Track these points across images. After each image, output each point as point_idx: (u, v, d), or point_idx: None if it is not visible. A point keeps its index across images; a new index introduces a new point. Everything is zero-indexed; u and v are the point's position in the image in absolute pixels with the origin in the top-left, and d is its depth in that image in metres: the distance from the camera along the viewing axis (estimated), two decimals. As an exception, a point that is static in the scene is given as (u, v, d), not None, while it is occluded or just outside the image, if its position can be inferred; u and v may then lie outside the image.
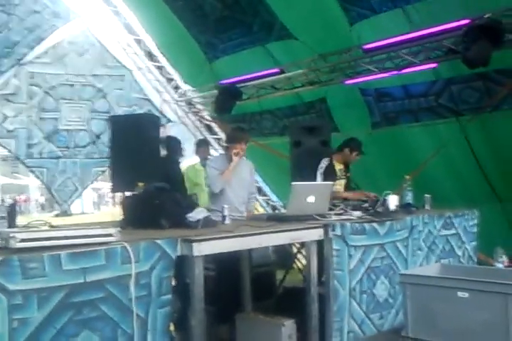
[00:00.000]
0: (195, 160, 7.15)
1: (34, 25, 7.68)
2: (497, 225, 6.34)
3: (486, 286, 2.74)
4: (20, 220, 3.47)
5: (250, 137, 5.16)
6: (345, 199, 5.11)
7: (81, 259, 2.56)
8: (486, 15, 5.05)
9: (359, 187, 5.88)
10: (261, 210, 9.92)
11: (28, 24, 7.63)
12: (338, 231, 3.82)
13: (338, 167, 5.52)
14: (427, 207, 5.04)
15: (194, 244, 2.99)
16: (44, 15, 7.76)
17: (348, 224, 3.92)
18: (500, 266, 4.18)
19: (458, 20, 5.33)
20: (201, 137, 9.24)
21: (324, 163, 5.38)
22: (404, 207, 4.69)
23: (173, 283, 3.06)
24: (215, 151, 9.72)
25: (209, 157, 6.83)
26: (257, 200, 8.47)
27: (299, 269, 7.12)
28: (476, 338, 2.75)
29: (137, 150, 6.10)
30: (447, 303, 2.85)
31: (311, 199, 3.96)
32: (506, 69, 5.58)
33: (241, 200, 4.83)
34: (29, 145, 7.93)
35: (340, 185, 5.52)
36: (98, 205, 31.67)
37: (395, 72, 6.22)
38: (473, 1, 5.19)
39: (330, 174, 5.34)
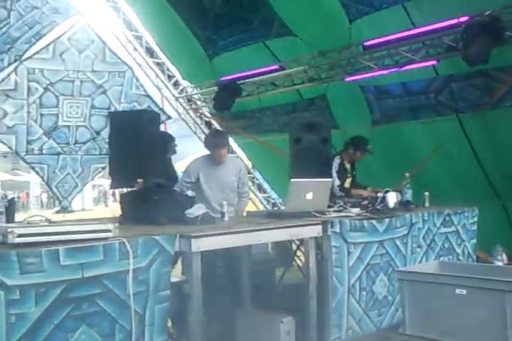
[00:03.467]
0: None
1: (34, 21, 7.66)
2: (497, 223, 6.34)
3: (484, 283, 2.74)
4: (20, 217, 3.47)
5: (228, 141, 5.07)
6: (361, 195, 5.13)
7: (79, 255, 2.56)
8: (486, 13, 5.04)
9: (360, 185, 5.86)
10: (261, 207, 9.92)
11: (28, 20, 7.60)
12: (337, 228, 3.82)
13: (347, 166, 5.54)
14: (427, 204, 5.03)
15: (193, 240, 2.99)
16: (44, 11, 7.74)
17: (346, 221, 3.91)
18: (499, 263, 4.19)
19: (458, 18, 5.32)
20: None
21: (337, 161, 5.42)
22: (404, 205, 4.69)
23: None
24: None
25: None
26: (250, 199, 8.25)
27: (299, 266, 7.11)
28: (473, 335, 2.75)
29: (137, 147, 6.09)
30: (445, 300, 2.86)
31: (309, 196, 3.96)
32: (506, 67, 5.57)
33: (221, 201, 4.46)
34: (29, 142, 7.91)
35: (347, 183, 5.53)
36: (99, 202, 31.68)
37: (395, 69, 6.22)
38: (473, -2, 5.18)
39: (342, 171, 5.38)
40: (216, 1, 7.30)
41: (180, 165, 6.90)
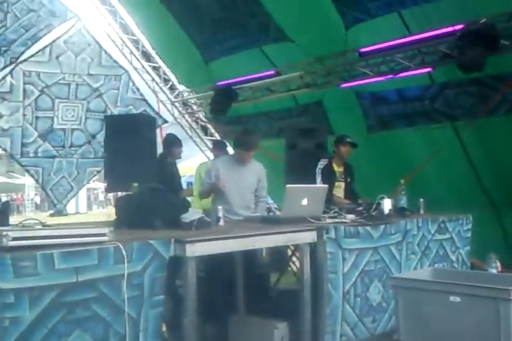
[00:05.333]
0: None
1: (30, 23, 7.66)
2: (491, 230, 6.35)
3: (478, 291, 2.75)
4: (15, 219, 3.46)
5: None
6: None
7: (74, 258, 2.55)
8: (481, 21, 5.08)
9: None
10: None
11: (24, 23, 7.61)
12: (332, 234, 3.82)
13: (338, 169, 5.49)
14: (421, 211, 5.04)
15: (187, 245, 2.98)
16: (41, 14, 7.75)
17: (341, 227, 3.92)
18: (493, 271, 4.20)
19: (453, 25, 5.36)
20: (218, 139, 9.28)
21: (322, 163, 5.40)
22: (399, 211, 4.69)
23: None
24: (211, 152, 9.74)
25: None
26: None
27: (294, 272, 7.11)
28: (467, 342, 2.76)
29: (132, 151, 6.09)
30: (439, 307, 2.86)
31: (305, 201, 3.96)
32: (501, 75, 5.61)
33: (241, 204, 4.68)
34: (24, 144, 7.90)
35: (339, 187, 5.49)
36: (93, 205, 31.55)
37: (391, 76, 6.24)
38: (468, 6, 5.21)
39: (328, 174, 5.34)
40: (213, 6, 7.32)
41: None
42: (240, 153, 4.70)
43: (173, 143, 6.05)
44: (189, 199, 6.09)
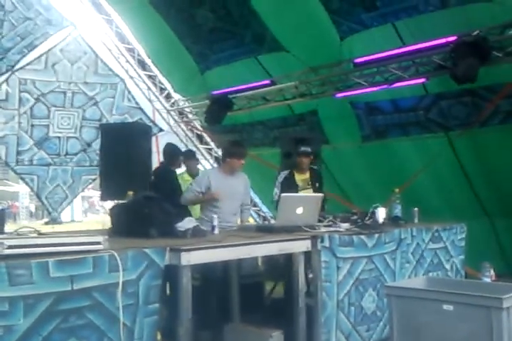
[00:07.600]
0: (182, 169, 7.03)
1: (27, 31, 7.70)
2: (485, 239, 6.38)
3: (471, 299, 2.77)
4: (9, 227, 3.47)
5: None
6: None
7: (69, 267, 2.55)
8: (474, 33, 5.14)
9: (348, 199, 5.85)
10: (251, 221, 9.91)
11: (20, 31, 7.64)
12: (327, 243, 3.84)
13: (302, 177, 5.45)
14: (416, 220, 5.06)
15: (182, 254, 2.99)
16: (37, 22, 7.78)
17: (336, 236, 3.93)
18: (487, 280, 4.22)
19: (446, 37, 5.42)
20: (189, 148, 9.21)
21: (282, 175, 5.44)
22: (393, 220, 4.72)
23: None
24: (206, 161, 9.77)
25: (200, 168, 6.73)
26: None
27: (288, 280, 7.09)
28: (460, 351, 2.77)
29: (128, 159, 6.12)
30: (432, 316, 2.87)
31: (300, 210, 3.98)
32: (493, 86, 5.67)
33: (232, 211, 4.86)
34: (19, 152, 7.91)
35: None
36: (88, 213, 31.46)
37: (385, 86, 6.29)
38: (461, 19, 5.28)
39: (289, 185, 5.34)
40: (209, 16, 7.37)
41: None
42: (232, 162, 4.80)
43: (179, 153, 6.09)
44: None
